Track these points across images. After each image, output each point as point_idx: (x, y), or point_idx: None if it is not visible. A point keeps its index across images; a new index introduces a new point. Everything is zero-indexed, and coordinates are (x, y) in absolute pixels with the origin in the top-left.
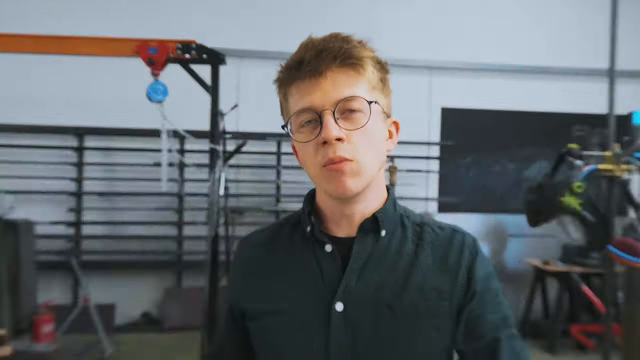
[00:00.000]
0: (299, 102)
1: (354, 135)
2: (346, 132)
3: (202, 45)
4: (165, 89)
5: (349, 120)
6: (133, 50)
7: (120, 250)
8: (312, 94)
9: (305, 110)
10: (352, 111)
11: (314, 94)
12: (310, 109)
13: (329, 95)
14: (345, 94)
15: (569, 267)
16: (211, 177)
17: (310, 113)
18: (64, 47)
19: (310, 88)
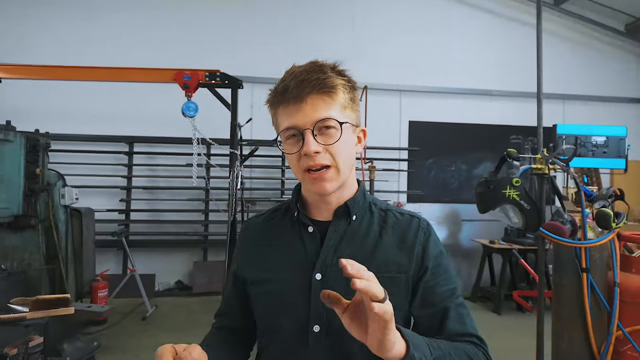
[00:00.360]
0: (285, 121)
1: (330, 148)
2: (323, 146)
3: (225, 73)
4: (196, 106)
5: (325, 135)
6: (172, 77)
7: (159, 232)
8: (295, 116)
9: (290, 128)
10: (328, 128)
11: (297, 116)
12: (294, 127)
13: (309, 117)
14: (322, 115)
15: (510, 245)
16: (231, 175)
17: (294, 130)
18: (118, 75)
19: (294, 111)
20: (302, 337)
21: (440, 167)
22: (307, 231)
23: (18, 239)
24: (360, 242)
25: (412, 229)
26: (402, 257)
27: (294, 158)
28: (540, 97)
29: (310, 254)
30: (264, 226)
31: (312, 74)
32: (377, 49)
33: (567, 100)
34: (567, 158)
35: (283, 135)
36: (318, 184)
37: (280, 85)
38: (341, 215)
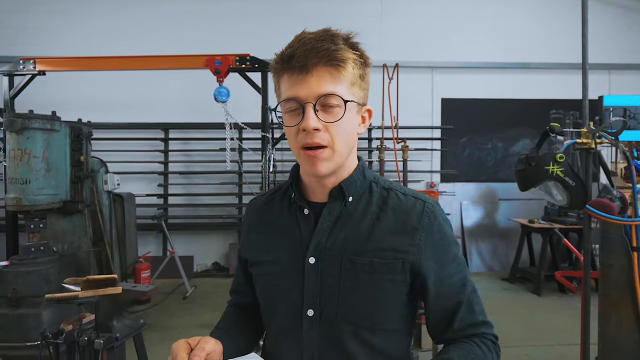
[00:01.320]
0: (287, 91)
1: (331, 127)
2: (324, 123)
3: (255, 57)
4: (228, 92)
5: (327, 112)
6: (203, 63)
7: (196, 215)
8: (298, 86)
9: (291, 99)
10: (331, 106)
11: (300, 87)
12: (295, 99)
13: (313, 90)
14: (327, 90)
15: (550, 224)
16: (263, 158)
17: (295, 102)
18: (151, 63)
19: (298, 81)
20: (296, 320)
21: (475, 145)
22: (302, 213)
23: (67, 223)
24: (355, 225)
25: (416, 212)
26: (400, 242)
27: (292, 132)
28: (586, 68)
29: (304, 237)
30: (264, 208)
31: (323, 43)
32: (407, 24)
33: (613, 70)
34: (616, 131)
35: (283, 106)
36: (312, 163)
37: (286, 51)
38: (336, 196)
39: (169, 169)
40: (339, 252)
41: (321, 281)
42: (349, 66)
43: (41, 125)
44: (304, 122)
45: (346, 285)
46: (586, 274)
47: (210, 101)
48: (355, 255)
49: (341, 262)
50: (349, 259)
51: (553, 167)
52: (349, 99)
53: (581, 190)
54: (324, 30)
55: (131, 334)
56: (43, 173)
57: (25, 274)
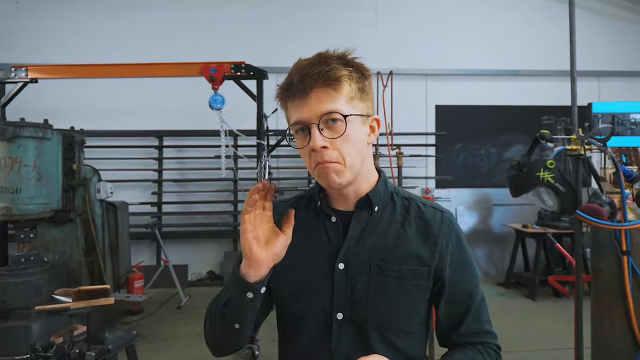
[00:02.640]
0: (293, 115)
1: (336, 142)
2: (330, 140)
3: (250, 65)
4: (223, 99)
5: (331, 129)
6: (198, 71)
7: (190, 223)
8: (301, 110)
9: (297, 122)
10: (334, 121)
11: (302, 110)
12: (300, 122)
13: (314, 111)
14: (327, 109)
15: (544, 229)
16: (258, 165)
17: (302, 125)
18: (145, 71)
19: (300, 105)
20: (326, 324)
21: (469, 151)
22: (330, 221)
23: (59, 233)
24: (382, 233)
25: (437, 221)
26: (425, 250)
27: (305, 152)
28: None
29: (333, 243)
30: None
31: (315, 67)
32: (402, 32)
33: (603, 77)
34: (604, 137)
35: (293, 130)
36: (325, 176)
37: (285, 81)
38: (363, 206)
39: (163, 176)
40: (368, 259)
41: (350, 286)
42: (344, 83)
43: (33, 133)
44: (312, 142)
45: (374, 290)
46: (578, 278)
47: (205, 109)
48: (383, 262)
49: (370, 268)
50: (378, 265)
51: (544, 173)
52: (349, 113)
53: (571, 196)
54: (317, 55)
55: (124, 345)
56: (34, 182)
57: (14, 285)
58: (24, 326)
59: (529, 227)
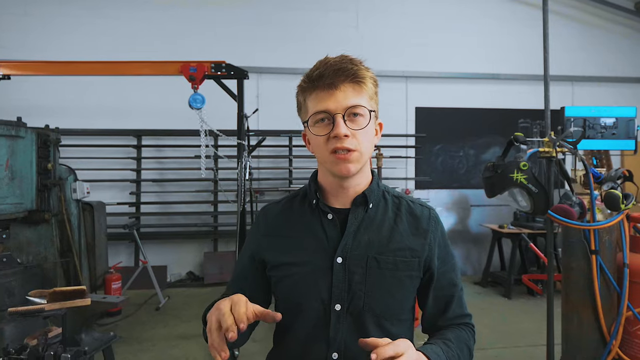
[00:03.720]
0: (318, 105)
1: (357, 133)
2: (352, 131)
3: (230, 64)
4: (203, 98)
5: (354, 122)
6: (178, 69)
7: (169, 224)
8: (327, 101)
9: (322, 112)
10: (357, 115)
11: (329, 101)
12: (326, 112)
13: (341, 103)
14: (353, 102)
15: (519, 230)
16: (239, 166)
17: (325, 114)
18: (124, 69)
19: (328, 96)
20: (324, 315)
21: (448, 153)
22: (326, 218)
23: (33, 234)
24: (377, 229)
25: (425, 217)
26: (415, 243)
27: (322, 140)
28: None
29: (331, 239)
30: (285, 213)
31: (346, 64)
32: (383, 35)
33: (576, 83)
34: (575, 140)
35: (313, 119)
36: (343, 164)
37: (315, 73)
38: (359, 203)
39: (141, 176)
40: (364, 252)
41: (348, 278)
42: (368, 82)
43: (5, 131)
44: (336, 129)
45: (371, 281)
46: (550, 277)
47: (185, 108)
48: (379, 255)
49: (367, 261)
50: (374, 258)
51: (517, 174)
52: (372, 109)
53: (543, 197)
54: (343, 56)
55: (101, 347)
56: (7, 181)
57: None
58: None
59: (504, 228)
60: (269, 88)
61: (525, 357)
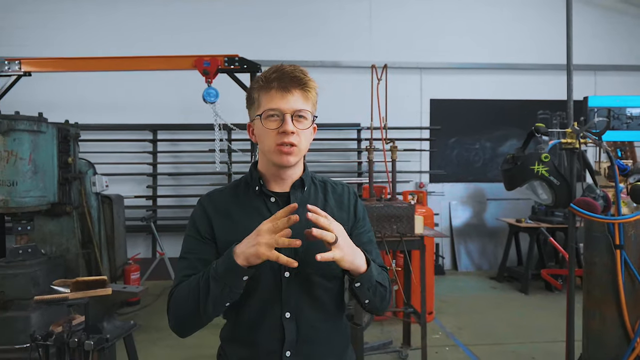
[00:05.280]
0: (270, 103)
1: (300, 132)
2: (297, 129)
3: (243, 58)
4: (217, 92)
5: (299, 122)
6: (192, 64)
7: (185, 217)
8: (281, 101)
9: (275, 109)
10: (301, 117)
11: (281, 102)
12: (278, 110)
13: (291, 105)
14: (301, 107)
15: (537, 224)
16: (252, 159)
17: (278, 112)
18: (139, 64)
19: (281, 97)
20: (276, 283)
21: (463, 145)
22: (270, 201)
23: (55, 226)
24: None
25: (345, 194)
26: (342, 214)
27: (272, 134)
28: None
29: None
30: (232, 198)
31: (299, 74)
32: (396, 26)
33: (599, 72)
34: (599, 131)
35: (266, 114)
36: (285, 157)
37: (272, 75)
38: (297, 186)
39: (157, 170)
40: (304, 226)
41: (294, 249)
42: (313, 92)
43: (28, 126)
44: (285, 126)
45: (312, 249)
46: (571, 272)
47: (199, 102)
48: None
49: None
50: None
51: (538, 166)
52: (314, 114)
53: (566, 189)
54: (296, 67)
55: (121, 335)
56: (30, 175)
57: (13, 277)
58: (24, 316)
59: (522, 222)
60: None
61: (543, 353)
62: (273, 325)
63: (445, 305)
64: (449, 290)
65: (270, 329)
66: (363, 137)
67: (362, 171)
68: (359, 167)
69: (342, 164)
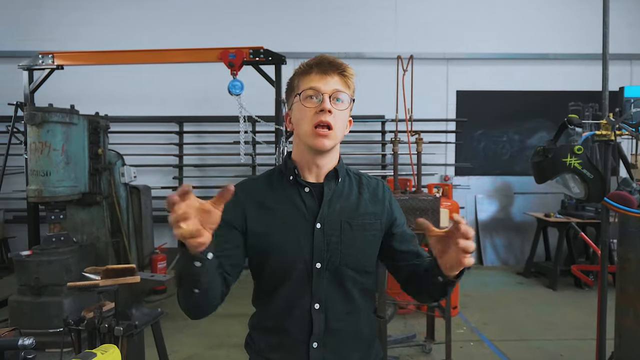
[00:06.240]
0: (309, 84)
1: (337, 113)
2: (334, 110)
3: (268, 50)
4: (242, 85)
5: (336, 104)
6: (217, 56)
7: None
8: (319, 83)
9: (314, 89)
10: (339, 100)
11: (320, 83)
12: (317, 89)
13: (330, 86)
14: (339, 88)
15: (567, 218)
16: (276, 151)
17: (316, 92)
18: (166, 57)
19: (319, 79)
20: (307, 273)
21: (490, 138)
22: (304, 191)
23: (86, 215)
24: (346, 198)
25: (380, 189)
26: (376, 208)
27: (309, 113)
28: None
29: (309, 208)
30: (266, 186)
31: (339, 62)
32: (422, 16)
33: (635, 61)
34: (636, 123)
35: (305, 94)
36: (320, 139)
37: (312, 62)
38: (331, 178)
39: (183, 161)
40: (338, 218)
41: (327, 240)
42: (352, 80)
43: (60, 118)
44: (323, 104)
45: (345, 241)
46: (603, 268)
47: (224, 94)
48: (350, 219)
49: (340, 225)
50: (347, 222)
51: (571, 159)
52: (352, 98)
53: (599, 183)
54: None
55: (149, 322)
56: (63, 165)
57: (47, 263)
58: (57, 302)
59: (551, 216)
60: None
61: (572, 350)
62: (302, 316)
63: (470, 300)
64: (474, 285)
65: (299, 319)
66: (387, 129)
67: (386, 163)
68: (382, 160)
69: (366, 157)
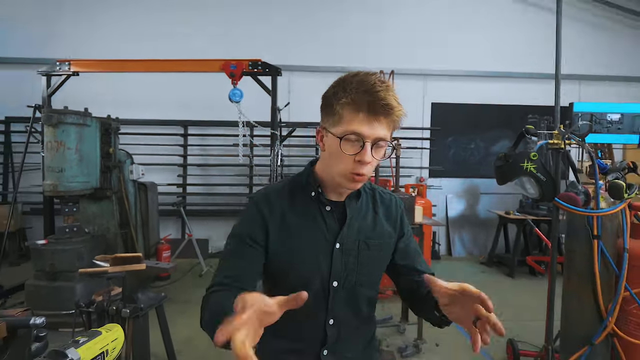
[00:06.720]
0: (352, 124)
1: (374, 162)
2: (374, 159)
3: (266, 62)
4: (241, 93)
5: (377, 152)
6: (219, 67)
7: (211, 203)
8: (365, 126)
9: (357, 133)
10: (380, 147)
11: (366, 127)
12: (359, 134)
13: (375, 132)
14: (382, 135)
15: (524, 216)
16: (272, 153)
17: (358, 136)
18: (172, 67)
19: (366, 122)
20: (323, 290)
21: (460, 145)
22: (325, 209)
23: (97, 208)
24: (363, 218)
25: (393, 204)
26: (390, 226)
27: (348, 160)
28: (559, 78)
29: (330, 227)
30: (288, 200)
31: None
32: (404, 35)
33: (583, 81)
34: (583, 134)
35: (344, 132)
36: (354, 184)
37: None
38: (353, 197)
39: (187, 161)
40: (356, 238)
41: (344, 260)
42: (399, 123)
43: (75, 120)
44: (363, 155)
45: (362, 262)
46: (553, 259)
47: (225, 101)
48: (367, 239)
49: (358, 245)
50: (364, 242)
51: (527, 164)
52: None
53: (551, 185)
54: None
55: (154, 305)
56: (76, 163)
57: (61, 252)
58: (70, 286)
59: (511, 214)
60: (300, 84)
61: (527, 330)
62: (316, 329)
63: None
64: (444, 273)
65: (313, 332)
66: None
67: None
68: None
69: None
